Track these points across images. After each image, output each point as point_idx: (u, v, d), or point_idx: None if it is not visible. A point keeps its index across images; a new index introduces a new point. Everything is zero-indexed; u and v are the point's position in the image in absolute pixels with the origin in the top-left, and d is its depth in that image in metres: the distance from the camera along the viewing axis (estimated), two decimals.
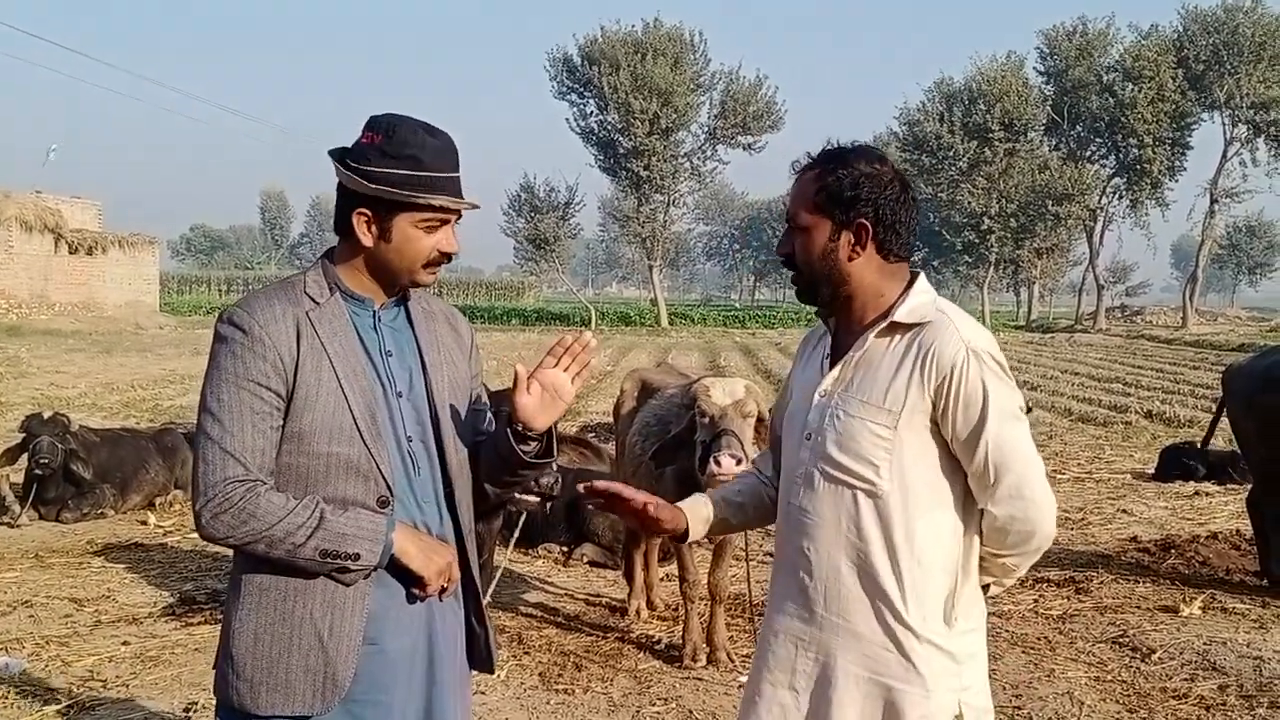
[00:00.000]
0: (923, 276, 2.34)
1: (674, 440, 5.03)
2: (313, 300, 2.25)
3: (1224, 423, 7.54)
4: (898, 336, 2.25)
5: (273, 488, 2.16)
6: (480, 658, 2.48)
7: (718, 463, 4.50)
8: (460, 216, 2.30)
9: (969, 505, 2.27)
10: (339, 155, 2.25)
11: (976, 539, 2.30)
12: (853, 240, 2.25)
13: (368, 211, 2.22)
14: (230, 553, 2.29)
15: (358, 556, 2.15)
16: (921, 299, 2.28)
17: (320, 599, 2.19)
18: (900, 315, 2.25)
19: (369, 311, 2.31)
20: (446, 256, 2.29)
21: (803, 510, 2.31)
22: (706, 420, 4.74)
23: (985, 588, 2.37)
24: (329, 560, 2.14)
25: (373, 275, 2.30)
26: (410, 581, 2.25)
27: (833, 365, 2.34)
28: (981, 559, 2.31)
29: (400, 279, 2.30)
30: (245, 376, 2.14)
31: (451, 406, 2.36)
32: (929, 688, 2.22)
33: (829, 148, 2.32)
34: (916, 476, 2.23)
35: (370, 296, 2.32)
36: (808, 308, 2.42)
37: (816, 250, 2.27)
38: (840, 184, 2.22)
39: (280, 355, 2.16)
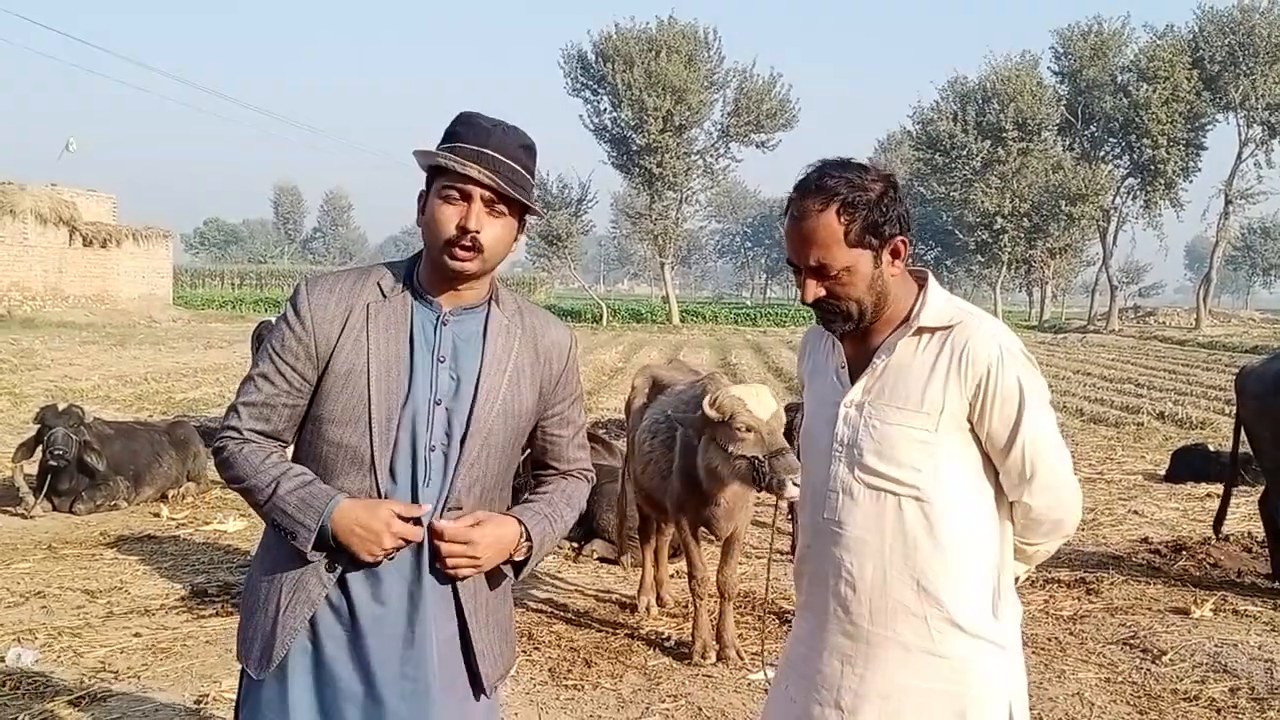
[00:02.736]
0: (932, 276, 2.33)
1: (686, 443, 5.04)
2: (381, 292, 2.27)
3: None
4: (925, 339, 2.25)
5: (261, 446, 2.25)
6: (473, 678, 2.34)
7: (782, 485, 4.48)
8: (504, 210, 2.23)
9: (1003, 497, 2.29)
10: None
11: (1010, 528, 2.32)
12: (891, 259, 2.23)
13: (424, 190, 2.27)
14: (240, 545, 2.32)
15: (294, 536, 2.17)
16: (941, 300, 2.27)
17: (292, 574, 2.23)
18: (927, 319, 2.24)
19: (434, 313, 2.29)
20: (465, 233, 2.19)
21: (839, 524, 2.28)
22: (750, 435, 4.68)
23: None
24: (279, 531, 2.20)
25: (428, 266, 2.29)
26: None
27: (853, 374, 2.31)
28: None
29: (436, 260, 2.24)
30: (279, 354, 2.25)
31: (492, 428, 2.29)
32: (987, 684, 2.24)
33: (814, 179, 2.20)
34: (957, 476, 2.23)
35: (439, 299, 2.29)
36: None
37: (865, 283, 2.21)
38: (871, 213, 2.16)
39: (315, 340, 2.23)
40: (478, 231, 2.20)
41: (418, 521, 2.20)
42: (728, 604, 5.42)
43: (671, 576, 6.49)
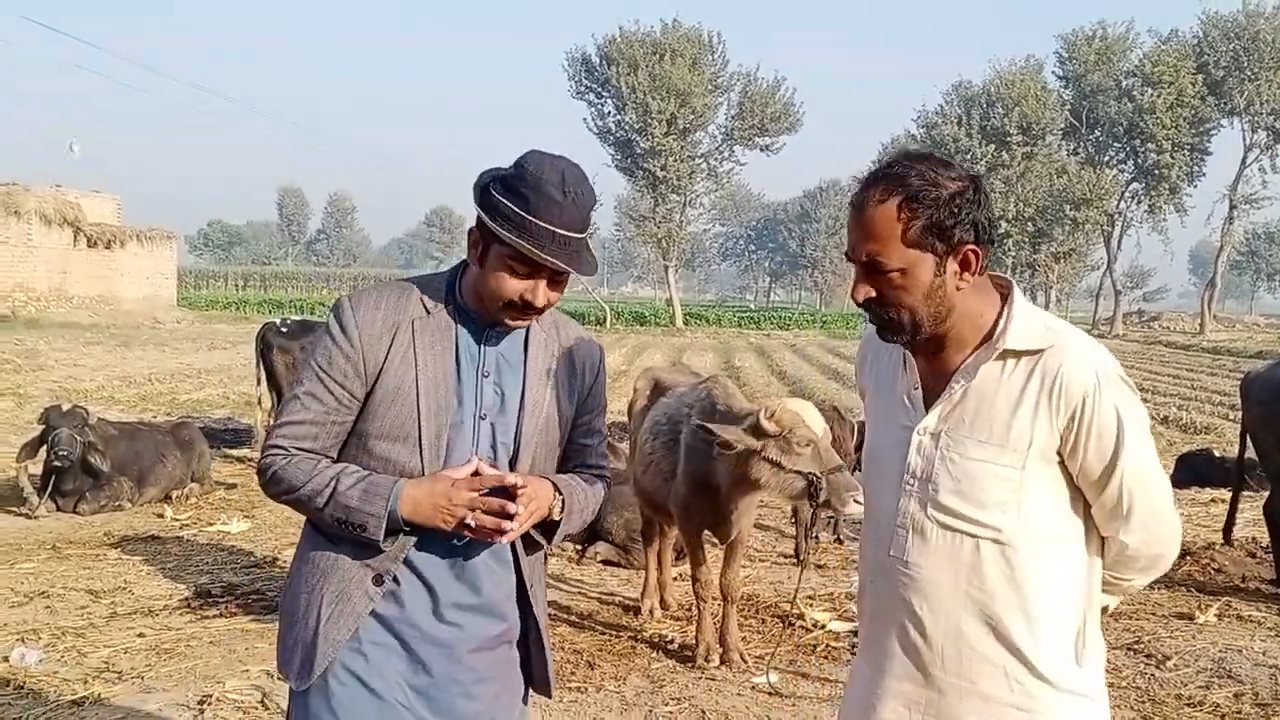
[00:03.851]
0: (1017, 288, 2.10)
1: (691, 447, 5.03)
2: (424, 308, 2.28)
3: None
4: (1011, 363, 2.02)
5: (310, 457, 2.24)
6: (539, 680, 2.47)
7: (843, 503, 4.47)
8: (564, 278, 2.22)
9: (1094, 530, 2.09)
10: (493, 173, 2.23)
11: (1099, 562, 2.11)
12: (959, 270, 1.99)
13: (477, 231, 2.23)
14: (244, 546, 2.32)
15: (364, 527, 2.17)
16: (1028, 317, 2.04)
17: (334, 586, 2.24)
18: (1014, 341, 2.01)
19: (478, 329, 2.30)
20: (529, 306, 2.21)
21: (907, 564, 2.09)
22: (808, 450, 4.62)
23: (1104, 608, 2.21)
24: (345, 527, 2.19)
25: (474, 294, 2.28)
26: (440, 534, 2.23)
27: (928, 397, 2.11)
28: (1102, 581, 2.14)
29: (486, 308, 2.26)
30: (326, 372, 2.23)
31: (538, 441, 2.34)
32: None
33: (887, 167, 2.00)
34: (1044, 515, 2.03)
35: (482, 314, 2.30)
36: (823, 310, 2.33)
37: (922, 290, 1.98)
38: (938, 212, 1.94)
39: (364, 358, 2.22)
40: (542, 306, 2.23)
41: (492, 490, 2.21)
42: (731, 607, 5.42)
43: (675, 579, 6.49)
